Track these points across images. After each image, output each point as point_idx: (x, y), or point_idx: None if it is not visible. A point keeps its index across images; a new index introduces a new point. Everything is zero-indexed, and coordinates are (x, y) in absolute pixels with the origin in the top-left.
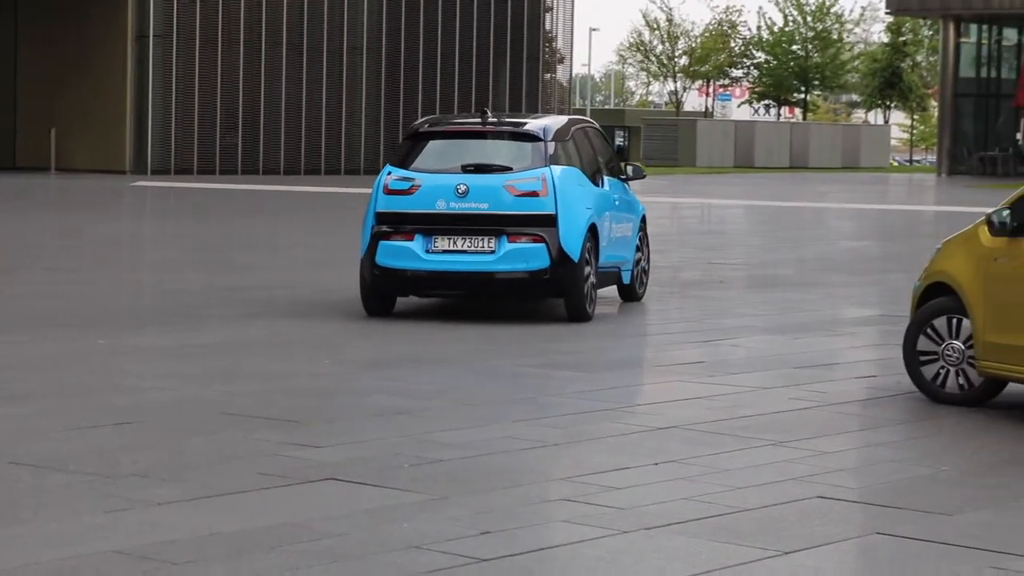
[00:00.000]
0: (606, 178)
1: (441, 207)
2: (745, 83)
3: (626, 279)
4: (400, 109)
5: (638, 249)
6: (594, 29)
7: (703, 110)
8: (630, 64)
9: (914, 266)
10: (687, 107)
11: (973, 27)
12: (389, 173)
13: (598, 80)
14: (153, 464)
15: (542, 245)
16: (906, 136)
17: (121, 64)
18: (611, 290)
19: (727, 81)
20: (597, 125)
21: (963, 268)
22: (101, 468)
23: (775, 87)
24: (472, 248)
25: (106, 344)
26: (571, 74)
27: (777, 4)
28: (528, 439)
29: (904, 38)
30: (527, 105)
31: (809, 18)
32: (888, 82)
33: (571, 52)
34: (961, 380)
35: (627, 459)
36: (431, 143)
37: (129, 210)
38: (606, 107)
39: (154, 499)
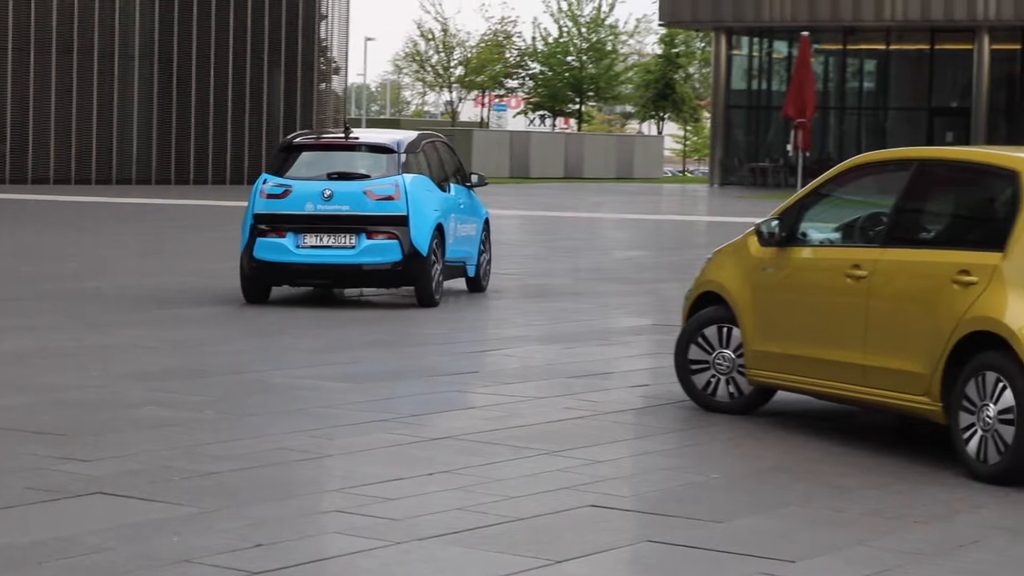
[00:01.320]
0: (453, 185)
1: (310, 209)
2: (520, 94)
3: (472, 272)
4: (173, 116)
5: (482, 247)
6: (370, 39)
7: (479, 120)
8: (406, 74)
9: (687, 276)
10: (463, 117)
11: (745, 39)
12: (265, 181)
13: (374, 90)
14: None
15: (396, 241)
16: (679, 147)
17: None
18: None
19: (503, 91)
20: (445, 139)
21: (733, 278)
22: None
23: (550, 98)
24: (336, 244)
25: None
26: (346, 83)
27: (552, 15)
28: (301, 451)
29: (677, 50)
30: (302, 114)
31: (584, 29)
32: (661, 93)
33: (346, 61)
34: (731, 388)
35: (401, 470)
36: (302, 154)
37: None
38: (382, 117)
39: None
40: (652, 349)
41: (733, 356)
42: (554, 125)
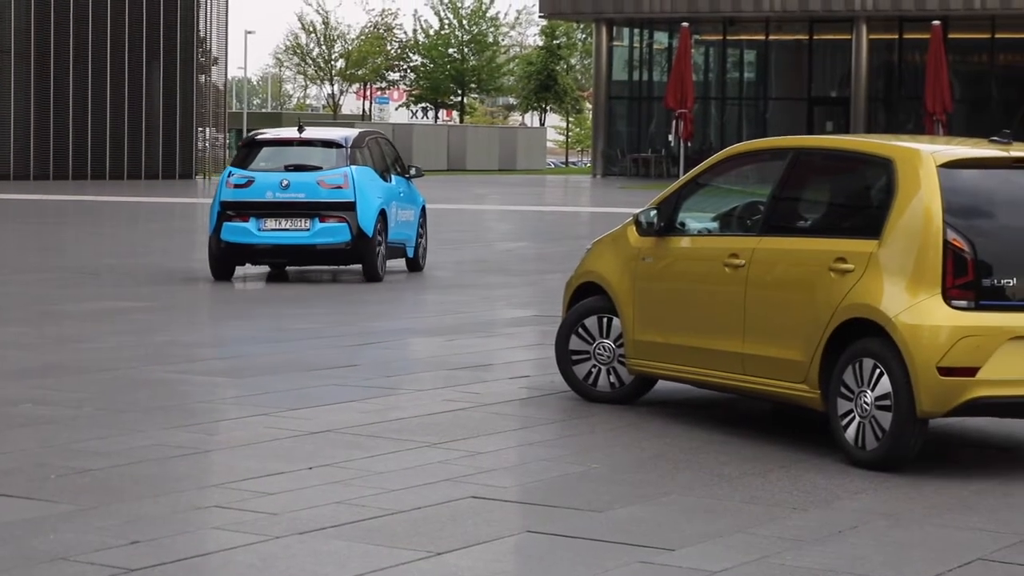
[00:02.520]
0: (393, 176)
1: (270, 197)
2: (402, 86)
3: (410, 253)
4: (51, 113)
5: (419, 231)
6: (250, 32)
7: (360, 113)
8: (287, 67)
9: (569, 266)
10: (345, 110)
11: (625, 31)
12: (231, 173)
13: (255, 83)
14: None
15: (345, 225)
16: (562, 138)
17: None
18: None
19: (384, 84)
20: (385, 135)
21: (612, 268)
22: None
23: (432, 90)
24: (293, 227)
25: None
26: (226, 77)
27: (433, 8)
28: (179, 446)
29: (558, 41)
30: (182, 108)
31: (465, 21)
32: (543, 85)
33: (226, 55)
34: (612, 378)
35: (281, 464)
36: (263, 149)
37: None
38: (263, 110)
39: None
40: (534, 340)
41: (613, 346)
42: (436, 117)
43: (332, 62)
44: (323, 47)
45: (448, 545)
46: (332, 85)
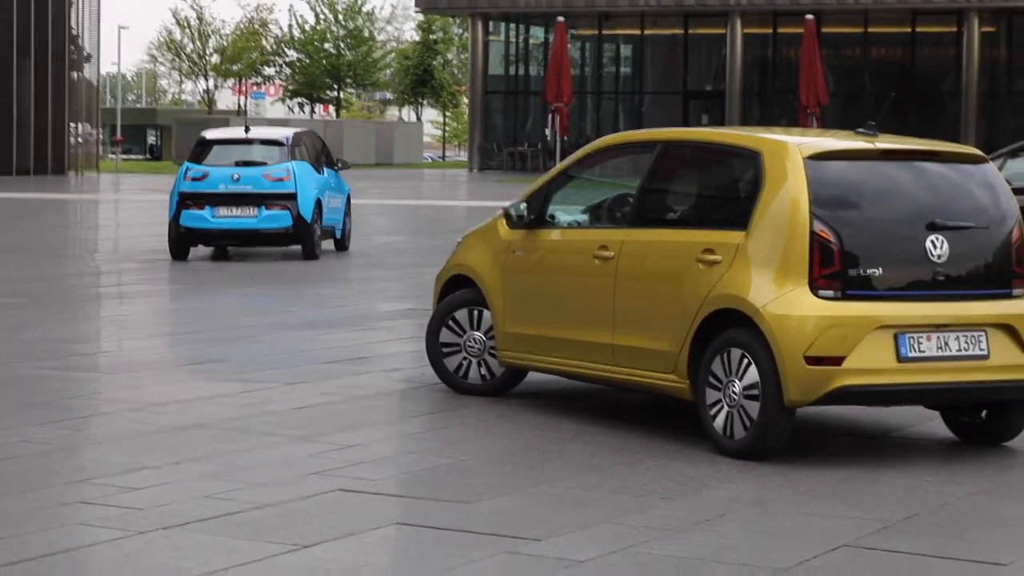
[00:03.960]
0: (325, 168)
1: (222, 188)
2: (278, 81)
3: (338, 235)
4: None
5: (345, 216)
6: (123, 27)
7: (236, 109)
8: (161, 63)
9: (445, 260)
10: (221, 106)
11: (502, 25)
12: (188, 168)
13: (130, 79)
14: None
15: (287, 211)
16: (439, 133)
17: None
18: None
19: (260, 80)
20: (318, 134)
21: (482, 260)
22: None
23: (308, 85)
24: (242, 214)
25: None
26: (99, 73)
27: (308, 3)
28: (45, 442)
29: (435, 36)
30: (53, 105)
31: (341, 16)
32: (420, 80)
33: (98, 50)
34: (483, 371)
35: (148, 459)
36: (215, 147)
37: None
38: (138, 106)
39: None
40: (409, 333)
41: (484, 338)
42: (312, 112)
43: (207, 57)
44: (197, 42)
45: (315, 538)
46: (207, 80)
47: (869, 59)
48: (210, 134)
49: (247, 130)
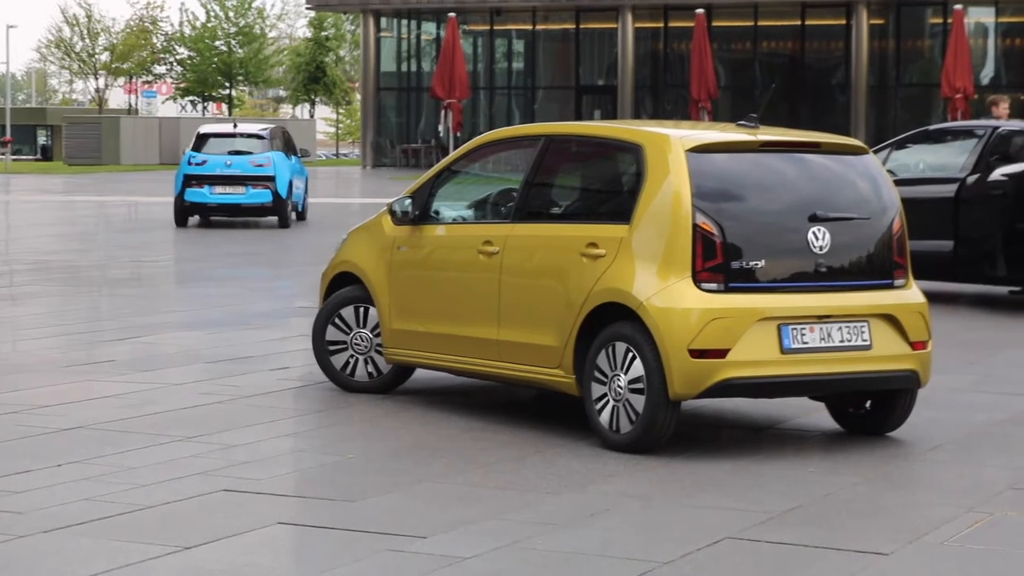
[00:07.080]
0: (293, 156)
1: (219, 171)
2: (169, 79)
3: (300, 208)
4: None
5: (305, 194)
6: (12, 26)
7: (127, 108)
8: (51, 62)
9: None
10: (112, 105)
11: (394, 21)
12: (191, 156)
13: (19, 79)
14: None
15: (268, 190)
16: (332, 130)
17: None
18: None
19: (151, 78)
20: (286, 128)
21: (368, 257)
22: None
23: (199, 83)
24: (233, 192)
25: None
26: None
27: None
28: None
29: (327, 33)
30: None
31: (231, 13)
32: (313, 77)
33: None
34: (370, 368)
35: (29, 462)
36: (211, 139)
37: None
38: (28, 106)
39: None
40: (296, 332)
41: (371, 336)
42: (205, 110)
43: (96, 56)
44: (87, 40)
45: (198, 539)
46: (97, 79)
47: (759, 52)
48: (205, 129)
49: (235, 126)
